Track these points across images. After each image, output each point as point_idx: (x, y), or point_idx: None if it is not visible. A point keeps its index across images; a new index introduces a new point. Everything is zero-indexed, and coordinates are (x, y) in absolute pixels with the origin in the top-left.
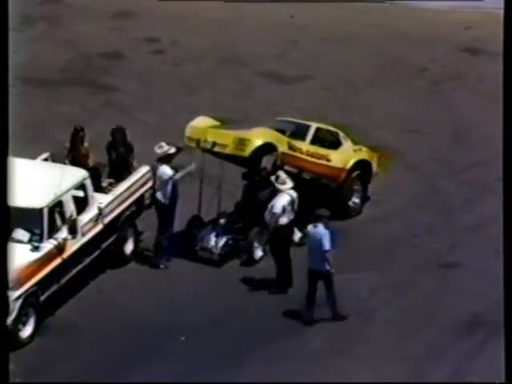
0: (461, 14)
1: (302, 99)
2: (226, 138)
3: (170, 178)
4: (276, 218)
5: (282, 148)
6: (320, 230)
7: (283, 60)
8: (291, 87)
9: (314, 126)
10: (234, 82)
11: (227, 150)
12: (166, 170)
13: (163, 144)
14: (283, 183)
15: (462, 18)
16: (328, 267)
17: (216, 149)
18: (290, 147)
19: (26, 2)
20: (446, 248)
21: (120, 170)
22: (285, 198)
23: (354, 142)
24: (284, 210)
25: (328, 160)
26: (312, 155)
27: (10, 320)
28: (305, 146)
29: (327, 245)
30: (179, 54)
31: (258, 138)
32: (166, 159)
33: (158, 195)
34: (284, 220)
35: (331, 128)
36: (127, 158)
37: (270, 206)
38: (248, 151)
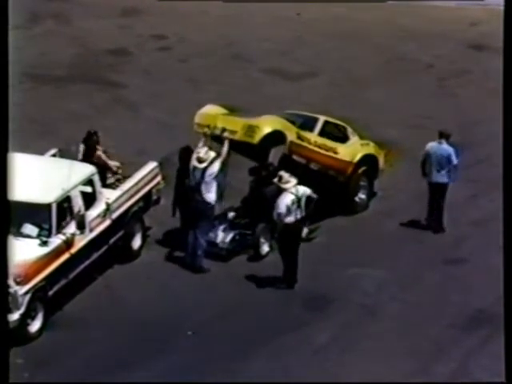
0: (466, 10)
1: (307, 95)
2: (235, 125)
3: (216, 175)
4: (281, 218)
5: (291, 137)
6: (446, 147)
7: (289, 56)
8: (297, 83)
9: (322, 118)
10: (240, 78)
11: (236, 137)
12: (214, 169)
13: (204, 150)
14: (287, 182)
15: (468, 14)
16: (448, 180)
17: (225, 135)
18: (299, 137)
19: None
20: (452, 244)
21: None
22: (288, 197)
23: (361, 138)
24: (288, 210)
25: (335, 152)
26: (320, 146)
27: (18, 315)
28: (313, 137)
29: (455, 160)
30: (186, 50)
31: (267, 125)
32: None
33: (209, 197)
34: (290, 219)
35: (339, 122)
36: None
37: (275, 204)
38: (257, 138)
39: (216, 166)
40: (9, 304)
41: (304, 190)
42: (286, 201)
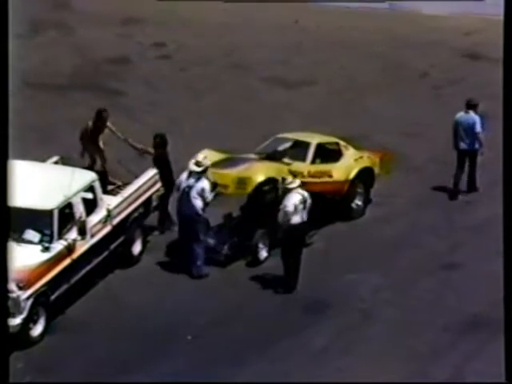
0: (460, 19)
1: (305, 103)
2: (226, 179)
3: (210, 192)
4: (288, 217)
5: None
6: (472, 115)
7: (287, 65)
8: (295, 91)
9: (313, 143)
10: (239, 86)
11: (228, 191)
12: (207, 186)
13: (202, 157)
14: (291, 183)
15: (462, 23)
16: (477, 146)
17: (217, 189)
18: (291, 174)
19: (36, 8)
20: (447, 249)
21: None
22: (296, 196)
23: (356, 147)
24: (296, 209)
25: (330, 176)
26: (313, 175)
27: (20, 319)
28: (306, 167)
29: (479, 127)
30: (185, 58)
31: (258, 174)
32: (204, 171)
33: (199, 204)
34: (297, 219)
35: (331, 139)
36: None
37: (282, 206)
38: (249, 189)
39: (207, 184)
40: (10, 309)
41: (307, 193)
42: (294, 200)
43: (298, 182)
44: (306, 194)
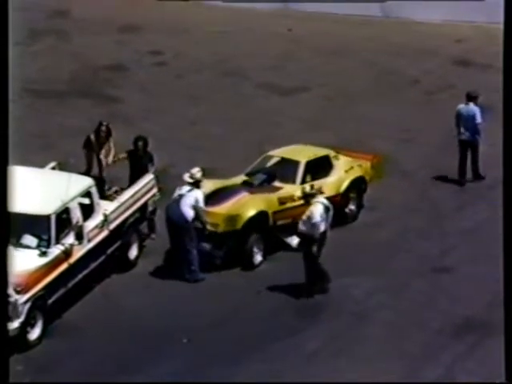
0: (452, 27)
1: (299, 109)
2: (216, 218)
3: (202, 202)
4: (317, 227)
5: (273, 208)
6: (472, 107)
7: (281, 72)
8: (289, 98)
9: (302, 162)
10: (234, 93)
11: (219, 229)
12: (200, 196)
13: (196, 170)
14: (314, 196)
15: (453, 31)
16: (477, 137)
17: (208, 227)
18: (281, 202)
19: (34, 16)
20: (439, 253)
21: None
22: (320, 207)
23: (349, 149)
24: (322, 218)
25: (321, 193)
26: None
27: (18, 323)
28: (295, 190)
29: (479, 118)
30: (181, 66)
31: (247, 209)
32: (196, 184)
33: (189, 213)
34: (322, 228)
35: (320, 153)
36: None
37: (305, 217)
38: (240, 225)
39: (201, 194)
40: (9, 312)
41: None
42: (319, 210)
43: (319, 193)
44: (326, 201)
